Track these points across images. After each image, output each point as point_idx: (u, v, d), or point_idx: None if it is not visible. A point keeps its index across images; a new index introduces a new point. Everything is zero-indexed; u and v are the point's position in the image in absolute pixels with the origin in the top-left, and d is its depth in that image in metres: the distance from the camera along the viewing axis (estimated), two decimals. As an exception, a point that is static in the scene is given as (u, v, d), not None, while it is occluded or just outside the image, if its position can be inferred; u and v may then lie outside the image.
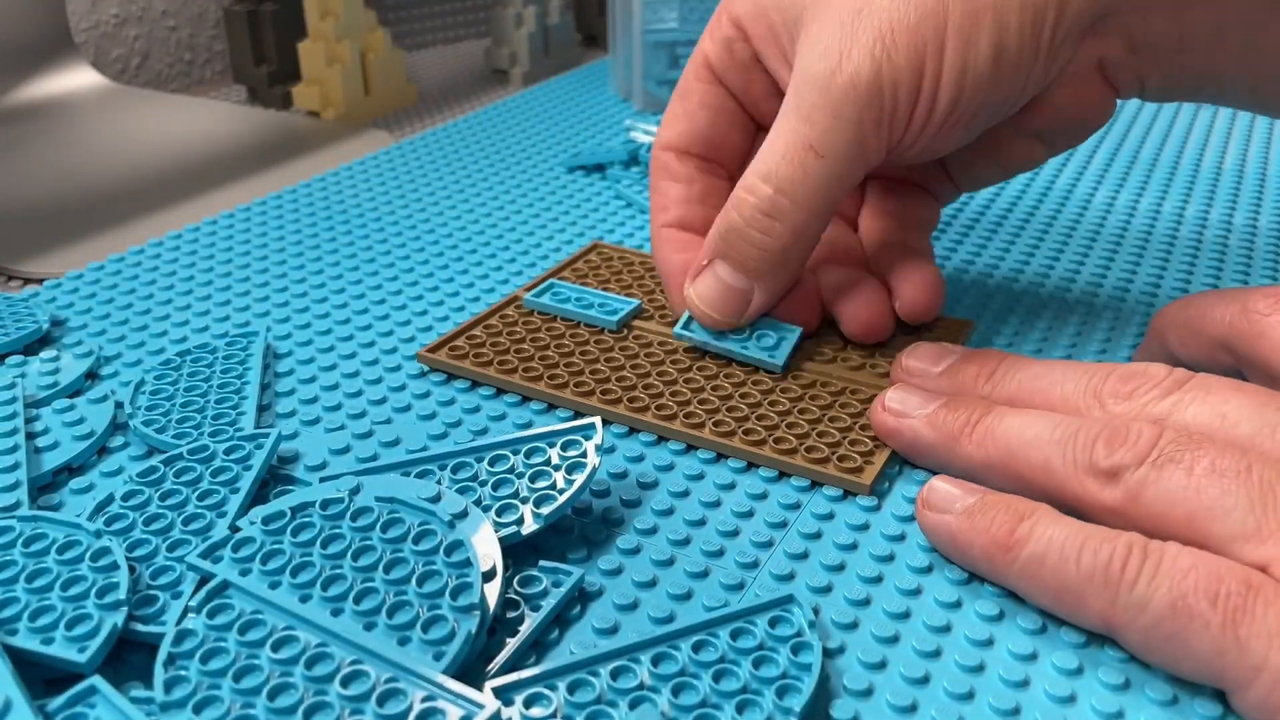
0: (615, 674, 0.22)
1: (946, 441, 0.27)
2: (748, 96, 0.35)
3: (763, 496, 0.28)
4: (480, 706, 0.20)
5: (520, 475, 0.26)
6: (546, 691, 0.21)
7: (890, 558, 0.26)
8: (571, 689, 0.21)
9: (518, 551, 0.26)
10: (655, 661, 0.22)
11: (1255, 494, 0.22)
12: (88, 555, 0.23)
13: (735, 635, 0.22)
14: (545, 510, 0.25)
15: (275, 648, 0.21)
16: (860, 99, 0.29)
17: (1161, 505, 0.23)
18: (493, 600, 0.22)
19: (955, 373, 0.29)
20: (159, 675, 0.21)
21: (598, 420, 0.27)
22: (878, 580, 0.25)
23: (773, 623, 0.23)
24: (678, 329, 0.33)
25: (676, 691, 0.21)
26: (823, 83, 0.29)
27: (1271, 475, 0.22)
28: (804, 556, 0.26)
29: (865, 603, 0.24)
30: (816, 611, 0.24)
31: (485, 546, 0.23)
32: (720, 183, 0.35)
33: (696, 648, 0.22)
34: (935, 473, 0.28)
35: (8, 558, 0.23)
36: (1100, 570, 0.22)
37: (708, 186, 0.35)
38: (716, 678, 0.22)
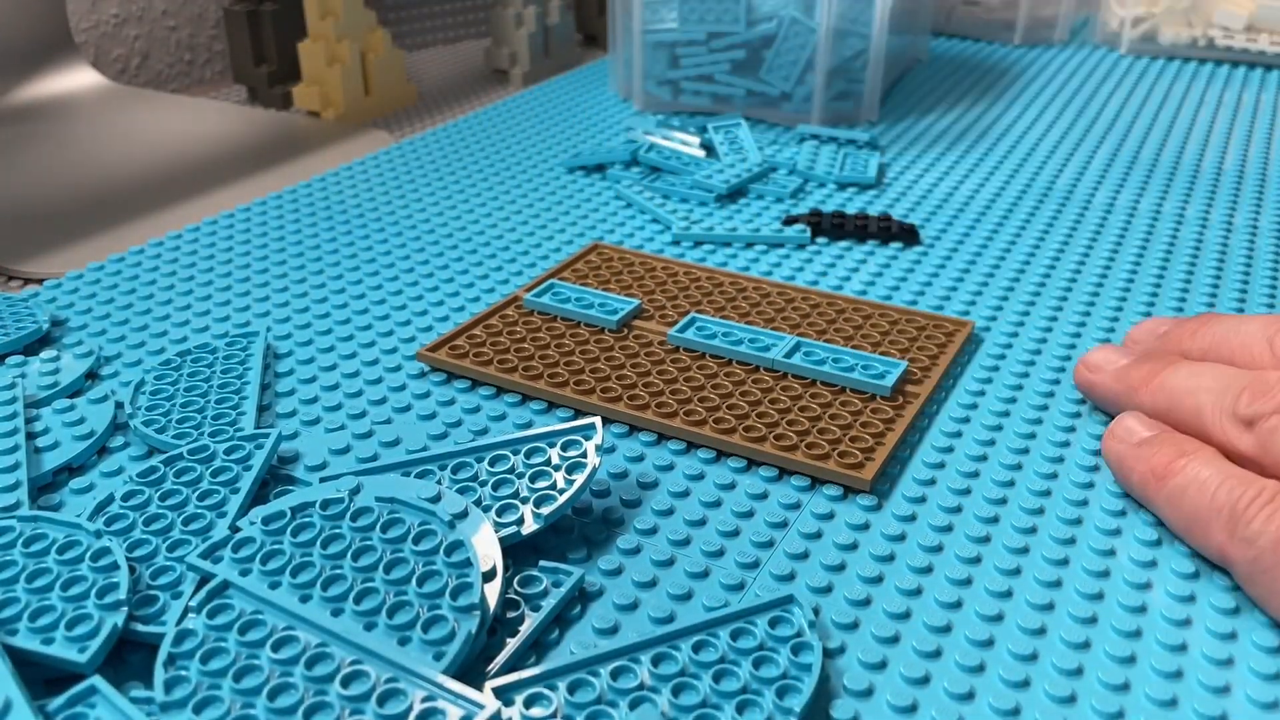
0: (615, 674, 0.22)
1: (1128, 393, 0.29)
2: None
3: (763, 496, 0.28)
4: (480, 706, 0.20)
5: (520, 475, 0.26)
6: (546, 691, 0.21)
7: (891, 557, 0.26)
8: (572, 689, 0.21)
9: (518, 551, 0.26)
10: (655, 661, 0.22)
11: None
12: (88, 555, 0.23)
13: (735, 635, 0.22)
14: (545, 510, 0.25)
15: (275, 648, 0.21)
16: None
17: None
18: (493, 600, 0.22)
19: (1168, 336, 0.31)
20: (159, 675, 0.21)
21: (598, 420, 0.27)
22: (878, 580, 0.25)
23: (773, 623, 0.23)
24: None
25: (677, 692, 0.21)
26: None
27: None
28: (804, 556, 0.26)
29: (865, 603, 0.24)
30: (817, 611, 0.24)
31: (485, 547, 0.23)
32: None
33: (697, 648, 0.22)
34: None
35: (8, 558, 0.23)
36: (1229, 505, 0.24)
37: None
38: (717, 678, 0.22)
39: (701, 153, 0.51)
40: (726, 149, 0.52)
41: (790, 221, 0.44)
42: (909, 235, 0.43)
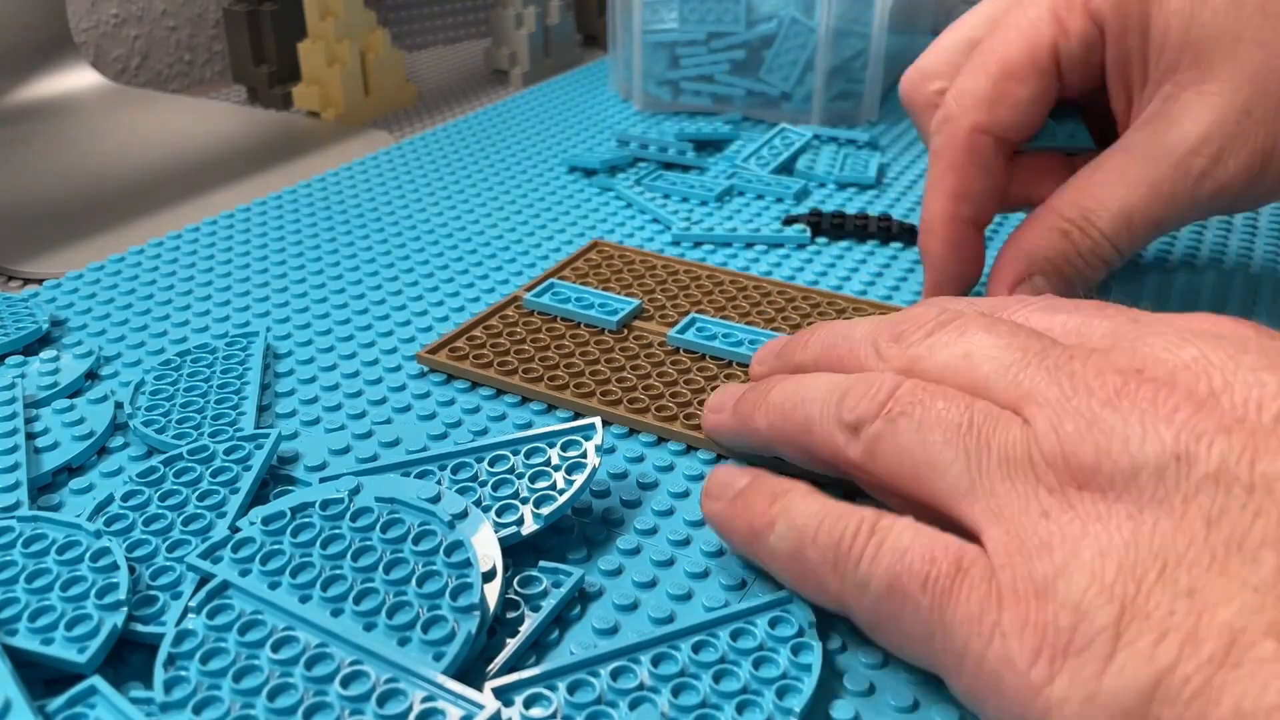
0: (615, 674, 0.22)
1: (744, 423, 0.27)
2: (1069, 93, 0.33)
3: (763, 497, 0.28)
4: (480, 707, 0.20)
5: (520, 476, 0.26)
6: (546, 692, 0.21)
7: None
8: (571, 689, 0.21)
9: (518, 552, 0.25)
10: (655, 662, 0.22)
11: (972, 447, 0.21)
12: (88, 555, 0.23)
13: (735, 635, 0.22)
14: (545, 511, 0.25)
15: (275, 648, 0.21)
16: (1213, 206, 0.31)
17: (894, 461, 0.22)
18: (493, 601, 0.22)
19: (783, 350, 0.29)
20: (159, 675, 0.21)
21: (598, 420, 0.27)
22: (878, 580, 0.25)
23: (773, 623, 0.23)
24: None
25: (676, 692, 0.21)
26: (1189, 182, 0.30)
27: (989, 427, 0.21)
28: (804, 557, 0.26)
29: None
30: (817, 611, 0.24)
31: (485, 547, 0.23)
32: (1001, 181, 0.34)
33: (696, 648, 0.22)
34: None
35: (8, 558, 0.23)
36: (833, 548, 0.21)
37: (1002, 183, 0.34)
38: (717, 678, 0.22)
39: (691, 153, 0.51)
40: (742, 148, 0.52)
41: (790, 221, 0.44)
42: (909, 235, 0.43)
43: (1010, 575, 0.19)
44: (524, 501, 0.26)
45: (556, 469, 0.26)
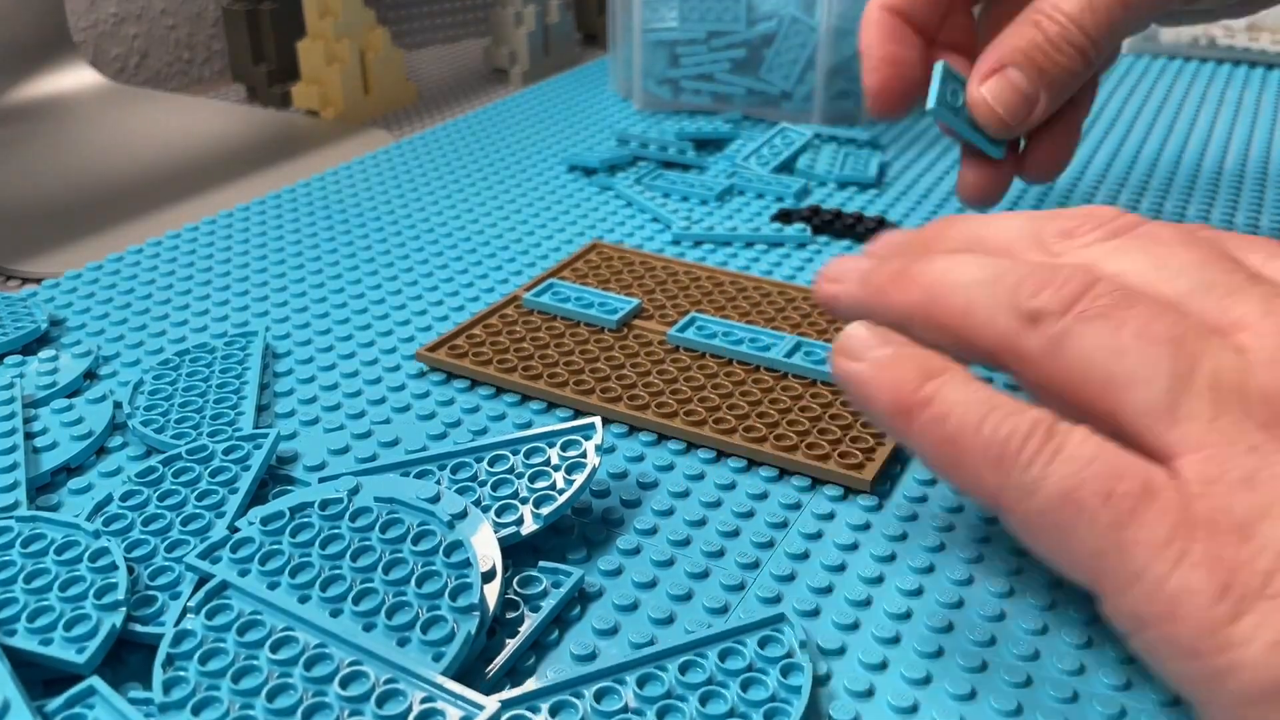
0: (599, 696, 0.21)
1: (875, 296, 0.24)
2: None
3: (763, 496, 0.28)
4: (480, 707, 0.20)
5: (520, 475, 0.26)
6: (528, 714, 0.21)
7: (892, 558, 0.26)
8: (554, 711, 0.21)
9: (517, 552, 0.25)
10: (640, 683, 0.21)
11: (1182, 369, 0.19)
12: (86, 556, 0.23)
13: (724, 656, 0.22)
14: (545, 510, 0.25)
15: (274, 648, 0.21)
16: None
17: (1081, 362, 0.20)
18: (492, 601, 0.22)
19: (911, 240, 0.26)
20: (158, 676, 0.21)
21: (597, 420, 0.27)
22: (879, 580, 0.25)
23: (762, 643, 0.22)
24: (932, 105, 0.34)
25: (661, 715, 0.21)
26: None
27: (1198, 348, 0.19)
28: (804, 557, 0.26)
29: (866, 603, 0.24)
30: (815, 613, 0.24)
31: (485, 547, 0.23)
32: None
33: (684, 669, 0.22)
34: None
35: (6, 558, 0.23)
36: (999, 443, 0.20)
37: None
38: (703, 700, 0.21)
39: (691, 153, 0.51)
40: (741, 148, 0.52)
41: (782, 217, 0.44)
42: None
43: (1207, 506, 0.18)
44: (523, 501, 0.26)
45: (556, 469, 0.26)
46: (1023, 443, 0.20)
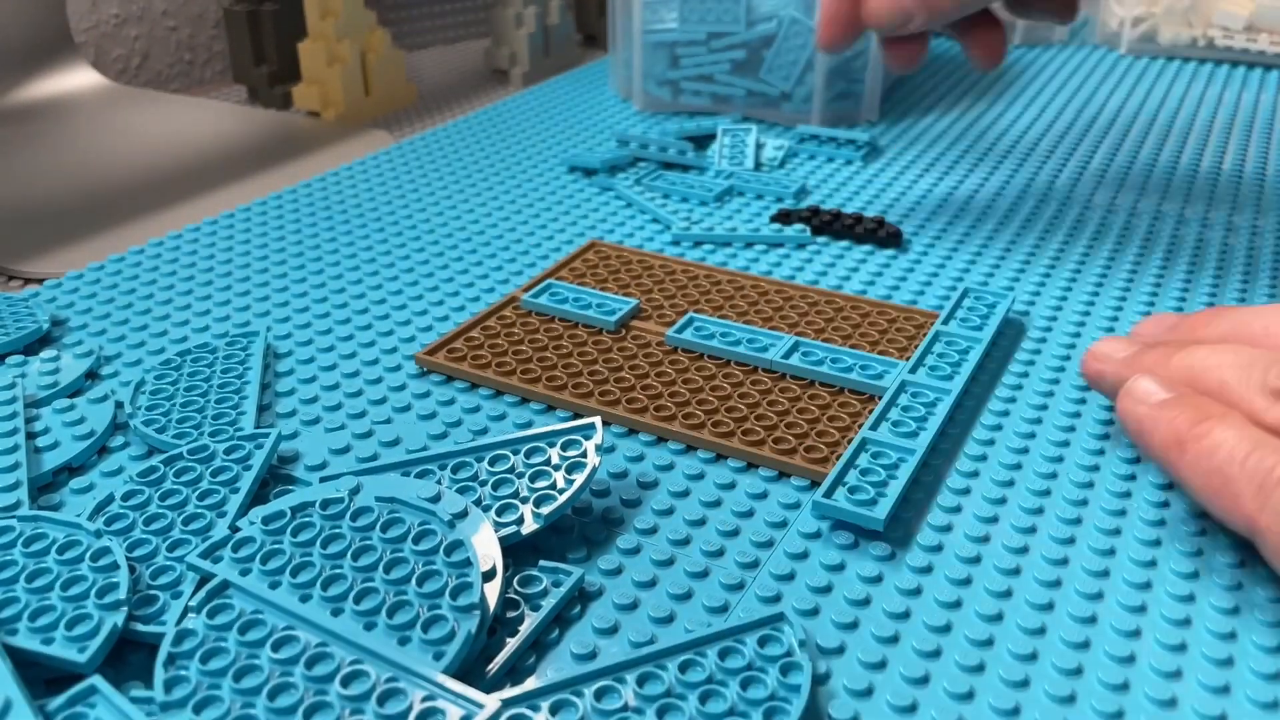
0: (599, 694, 0.21)
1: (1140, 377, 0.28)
2: None
3: (763, 496, 0.28)
4: (480, 706, 0.20)
5: (520, 475, 0.26)
6: (528, 713, 0.21)
7: (891, 557, 0.26)
8: (554, 710, 0.21)
9: (518, 551, 0.26)
10: (640, 682, 0.21)
11: None
12: (88, 555, 0.23)
13: (723, 655, 0.22)
14: (545, 510, 0.25)
15: (275, 647, 0.21)
16: None
17: None
18: (493, 600, 0.22)
19: (1178, 327, 0.31)
20: (159, 675, 0.21)
21: (598, 420, 0.27)
22: (878, 580, 0.25)
23: (762, 642, 0.22)
24: None
25: (661, 714, 0.21)
26: None
27: None
28: (804, 556, 0.26)
29: (865, 602, 0.24)
30: (815, 612, 0.24)
31: (485, 546, 0.23)
32: None
33: (683, 668, 0.22)
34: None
35: (8, 558, 0.23)
36: (1261, 474, 0.23)
37: None
38: (703, 699, 0.21)
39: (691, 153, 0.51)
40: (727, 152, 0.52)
41: (782, 218, 0.44)
42: (894, 240, 0.43)
43: None
44: (524, 501, 0.26)
45: (556, 468, 0.26)
46: None
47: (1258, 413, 0.25)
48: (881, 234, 0.43)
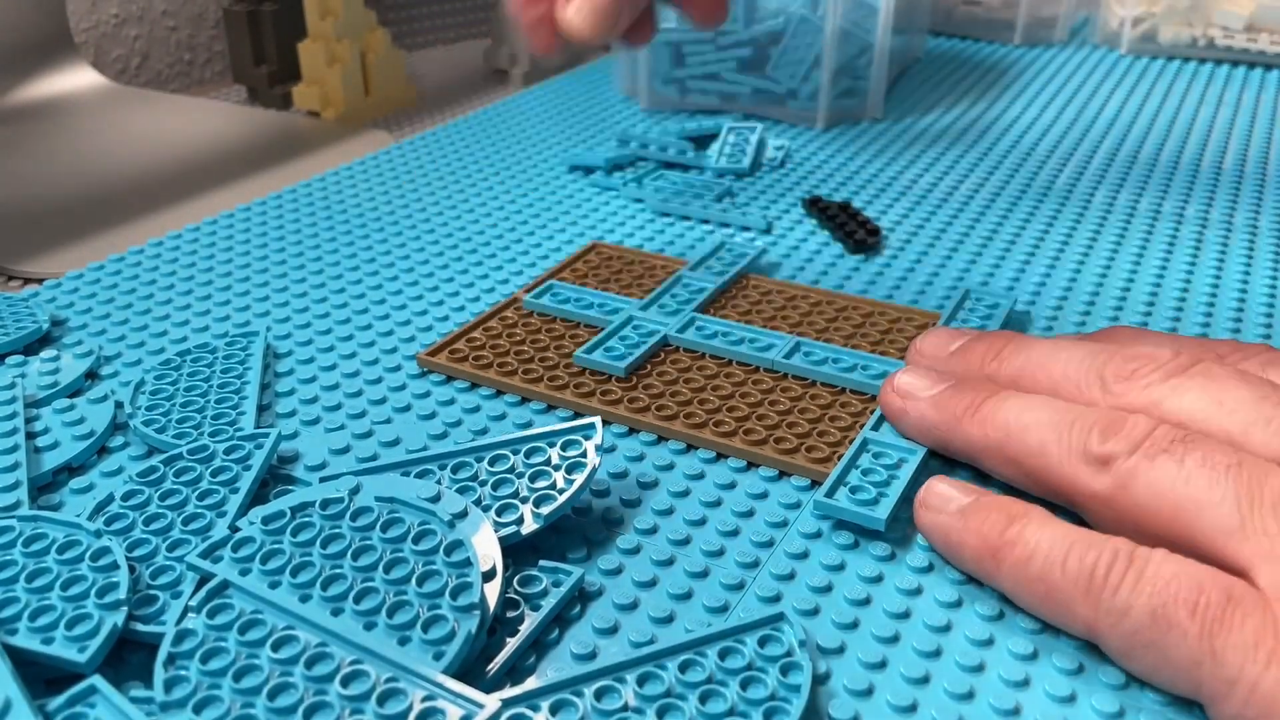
0: (599, 695, 0.21)
1: (949, 422, 0.27)
2: None
3: (763, 496, 0.28)
4: (480, 706, 0.20)
5: (520, 475, 0.26)
6: (528, 713, 0.21)
7: (891, 557, 0.26)
8: (554, 710, 0.21)
9: (518, 551, 0.25)
10: (640, 682, 0.21)
11: (1243, 490, 0.21)
12: (88, 555, 0.23)
13: (723, 655, 0.22)
14: (545, 510, 0.25)
15: (275, 647, 0.21)
16: None
17: (1149, 496, 0.23)
18: (493, 600, 0.22)
19: (966, 353, 0.29)
20: (159, 675, 0.21)
21: (598, 420, 0.27)
22: (878, 580, 0.25)
23: (762, 642, 0.22)
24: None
25: (661, 714, 0.21)
26: None
27: (1260, 473, 0.22)
28: (805, 556, 0.26)
29: (866, 602, 0.24)
30: (815, 612, 0.24)
31: (485, 546, 0.23)
32: None
33: (683, 668, 0.22)
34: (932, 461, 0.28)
35: (8, 557, 0.23)
36: (1085, 575, 0.22)
37: None
38: (703, 699, 0.21)
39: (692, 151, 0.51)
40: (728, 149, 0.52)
41: (811, 203, 0.45)
42: (867, 244, 0.42)
43: None
44: (524, 501, 0.26)
45: (556, 468, 0.26)
46: (1107, 570, 0.21)
47: (1081, 480, 0.24)
48: (860, 235, 0.42)
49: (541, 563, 0.25)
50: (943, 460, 0.29)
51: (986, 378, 0.28)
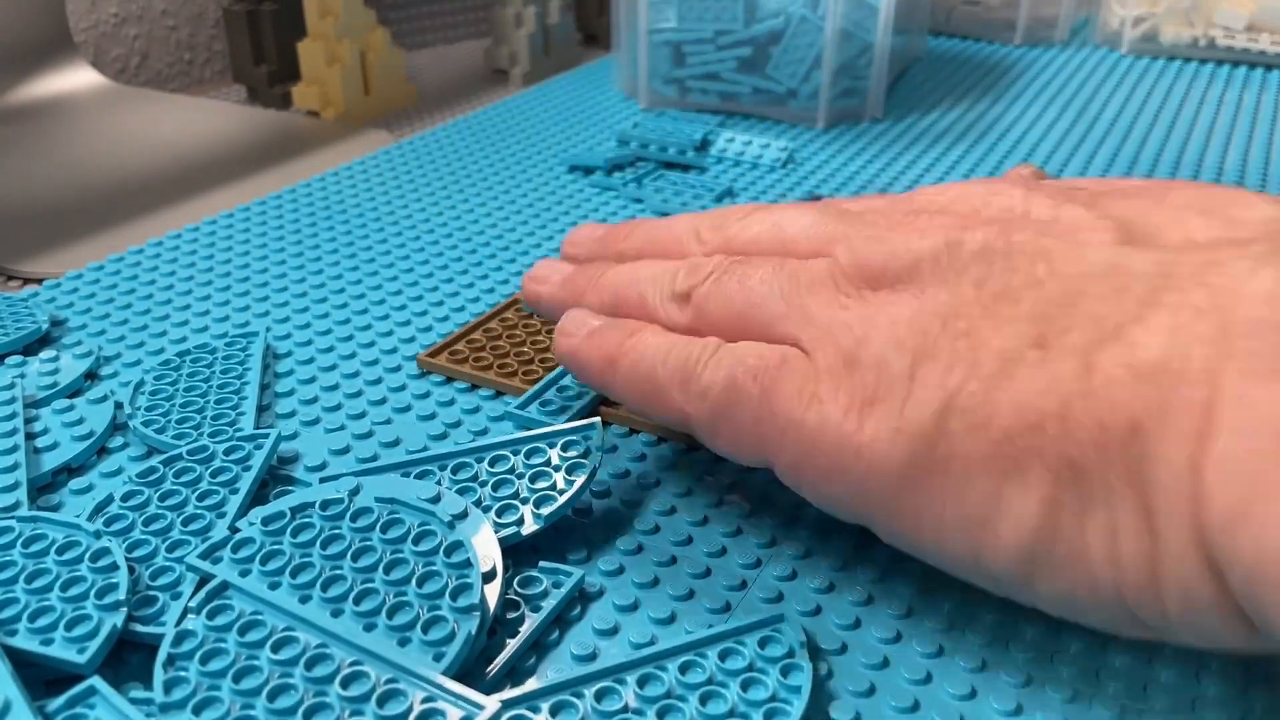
0: (599, 696, 0.21)
1: (575, 298, 0.29)
2: None
3: (766, 495, 0.28)
4: (480, 707, 0.20)
5: (520, 476, 0.26)
6: (529, 714, 0.21)
7: (895, 557, 0.26)
8: (554, 711, 0.21)
9: (518, 552, 0.25)
10: (641, 683, 0.21)
11: (785, 284, 0.25)
12: (87, 556, 0.23)
13: (724, 656, 0.22)
14: (545, 511, 0.25)
15: (275, 649, 0.21)
16: None
17: (720, 310, 0.25)
18: (493, 601, 0.22)
19: (602, 240, 0.31)
20: (159, 676, 0.21)
21: (598, 420, 0.27)
22: (880, 579, 0.25)
23: (762, 643, 0.22)
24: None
25: (662, 715, 0.21)
26: None
27: (797, 268, 0.25)
28: (807, 556, 0.26)
29: (868, 602, 0.24)
30: (817, 612, 0.24)
31: (485, 547, 0.23)
32: None
33: (684, 669, 0.22)
34: None
35: (7, 558, 0.23)
36: (680, 367, 0.25)
37: None
38: (703, 700, 0.21)
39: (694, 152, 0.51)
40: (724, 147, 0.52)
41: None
42: None
43: (821, 355, 0.23)
44: (524, 502, 0.26)
45: (557, 469, 0.26)
46: (698, 358, 0.25)
47: (672, 318, 0.27)
48: None
49: (542, 564, 0.25)
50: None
51: (617, 255, 0.30)
